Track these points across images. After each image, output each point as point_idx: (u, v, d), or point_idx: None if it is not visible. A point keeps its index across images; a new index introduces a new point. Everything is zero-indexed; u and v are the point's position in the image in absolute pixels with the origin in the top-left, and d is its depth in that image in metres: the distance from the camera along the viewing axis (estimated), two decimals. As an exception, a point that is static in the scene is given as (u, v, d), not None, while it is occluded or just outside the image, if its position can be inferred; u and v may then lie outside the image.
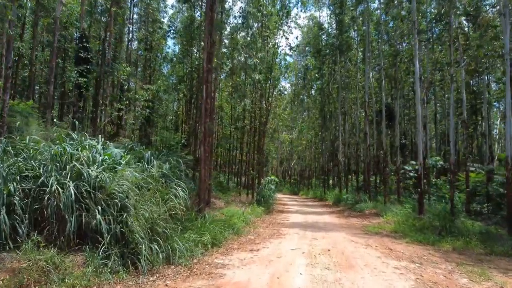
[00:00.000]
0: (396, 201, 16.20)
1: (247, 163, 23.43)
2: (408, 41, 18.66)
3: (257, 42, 15.78)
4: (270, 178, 19.49)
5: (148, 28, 20.64)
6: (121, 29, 16.43)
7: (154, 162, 6.56)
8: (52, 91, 8.78)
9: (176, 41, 25.28)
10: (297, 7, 44.34)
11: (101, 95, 13.74)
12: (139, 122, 19.56)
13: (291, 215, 15.53)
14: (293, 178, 50.44)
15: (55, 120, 6.38)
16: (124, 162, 5.92)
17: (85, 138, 5.87)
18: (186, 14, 19.99)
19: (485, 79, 16.94)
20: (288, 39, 37.35)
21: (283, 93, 26.62)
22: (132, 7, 20.00)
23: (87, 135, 6.13)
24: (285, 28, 19.91)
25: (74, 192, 4.74)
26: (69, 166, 5.02)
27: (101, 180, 5.14)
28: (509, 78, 9.12)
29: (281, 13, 19.21)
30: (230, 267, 5.86)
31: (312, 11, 46.83)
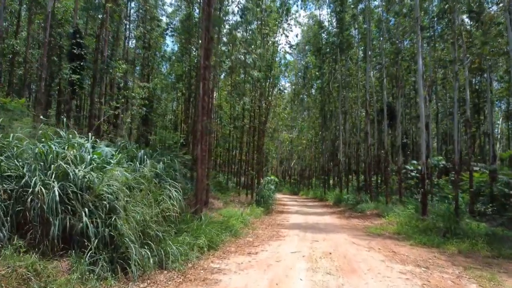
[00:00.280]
0: (398, 202, 15.89)
1: (246, 162, 23.13)
2: (410, 38, 18.38)
3: (256, 38, 15.47)
4: (269, 178, 19.20)
5: (146, 26, 20.33)
6: (118, 26, 16.13)
7: (147, 162, 6.26)
8: (43, 87, 8.48)
9: (175, 39, 25.03)
10: (297, 5, 44.04)
11: (97, 93, 13.45)
12: (136, 121, 19.27)
13: (291, 215, 15.23)
14: (293, 178, 50.12)
15: (41, 117, 6.06)
16: (114, 161, 5.62)
17: (73, 136, 5.57)
18: (185, 12, 19.70)
19: (488, 77, 16.61)
20: (288, 37, 36.98)
21: (283, 92, 26.29)
22: (130, 4, 19.70)
23: (76, 133, 5.83)
24: (285, 25, 19.63)
25: (59, 193, 4.44)
26: (54, 165, 4.72)
27: (89, 181, 4.85)
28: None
29: (280, 10, 18.91)
30: (227, 272, 5.56)
31: (312, 9, 46.49)
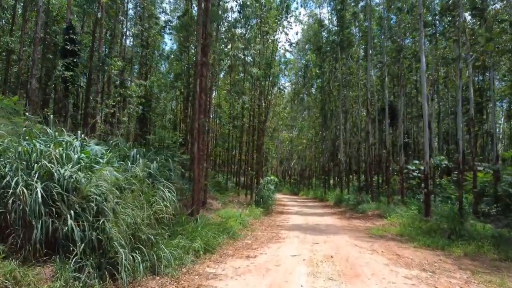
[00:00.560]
0: (400, 202, 15.61)
1: (246, 162, 22.85)
2: (412, 36, 18.08)
3: (256, 34, 15.13)
4: (269, 178, 18.89)
5: (144, 23, 20.04)
6: (114, 23, 15.82)
7: (139, 161, 5.97)
8: (34, 84, 8.19)
9: (174, 38, 24.73)
10: (297, 2, 43.70)
11: (93, 91, 13.15)
12: (134, 121, 18.97)
13: (291, 216, 14.94)
14: (293, 178, 49.81)
15: (27, 114, 5.77)
16: (104, 160, 5.33)
17: (59, 134, 5.28)
18: (183, 10, 19.41)
19: (491, 75, 16.31)
20: (288, 34, 36.55)
21: (282, 90, 26.00)
22: (127, 1, 19.36)
23: (64, 131, 5.54)
24: (285, 23, 19.34)
25: (42, 194, 4.15)
26: (37, 165, 4.42)
27: (75, 181, 4.55)
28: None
29: (280, 8, 18.62)
30: (223, 277, 5.27)
31: (313, 7, 46.17)
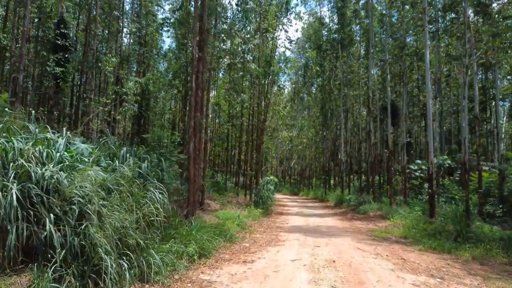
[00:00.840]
0: (403, 203, 15.25)
1: (245, 162, 22.50)
2: (414, 33, 17.74)
3: (255, 27, 14.74)
4: (269, 178, 18.52)
5: (141, 21, 19.66)
6: (110, 19, 15.46)
7: (130, 160, 5.61)
8: (21, 80, 7.84)
9: (172, 36, 24.32)
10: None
11: (88, 89, 12.81)
12: (130, 119, 18.60)
13: (291, 217, 14.59)
14: (293, 178, 49.44)
15: (7, 109, 5.42)
16: (91, 159, 4.97)
17: (41, 131, 4.92)
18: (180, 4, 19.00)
19: (495, 72, 15.96)
20: (287, 32, 36.20)
21: (282, 89, 25.65)
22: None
23: (48, 128, 5.19)
24: (285, 20, 18.99)
25: (17, 195, 3.79)
26: (14, 164, 4.06)
27: (57, 182, 4.19)
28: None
29: (280, 4, 18.27)
30: (218, 285, 4.91)
31: (313, 5, 45.83)
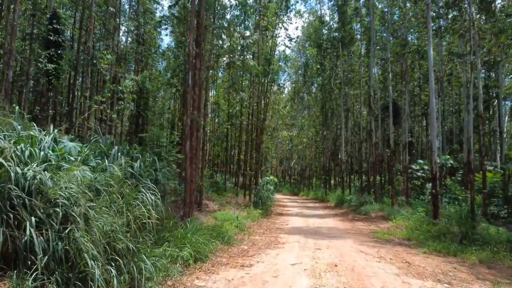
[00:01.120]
0: (405, 203, 14.97)
1: (245, 162, 22.22)
2: (416, 30, 17.47)
3: (253, 23, 14.46)
4: (268, 178, 18.24)
5: (139, 18, 19.38)
6: (105, 15, 15.17)
7: (121, 159, 5.32)
8: (11, 76, 7.56)
9: (171, 34, 24.04)
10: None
11: (83, 87, 12.52)
12: (127, 118, 18.33)
13: (291, 218, 14.32)
14: (293, 178, 49.14)
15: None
16: (79, 158, 4.68)
17: (24, 128, 4.64)
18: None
19: (499, 71, 15.68)
20: (287, 30, 35.82)
21: (281, 87, 25.37)
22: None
23: (35, 125, 4.91)
24: (284, 18, 18.72)
25: (-6, 198, 3.51)
26: (-8, 163, 3.78)
27: (40, 182, 3.91)
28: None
29: (279, 1, 18.00)
30: (213, 292, 4.64)
31: (313, 4, 45.53)
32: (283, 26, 18.96)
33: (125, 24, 18.30)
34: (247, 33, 17.67)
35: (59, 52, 10.95)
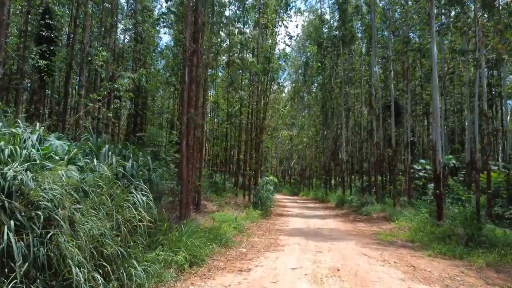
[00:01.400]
0: (407, 204, 14.69)
1: (244, 162, 21.95)
2: (419, 28, 17.20)
3: (251, 17, 14.18)
4: (268, 178, 17.98)
5: (137, 16, 19.10)
6: (102, 12, 14.89)
7: (112, 159, 5.05)
8: (1, 73, 7.29)
9: (171, 35, 23.73)
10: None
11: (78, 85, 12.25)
12: (127, 118, 18.04)
13: (291, 219, 14.04)
14: (293, 178, 48.86)
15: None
16: (65, 158, 4.41)
17: (5, 125, 4.37)
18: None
19: (504, 69, 15.42)
20: (287, 27, 35.38)
21: (281, 86, 25.09)
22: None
23: (20, 122, 4.64)
24: (284, 16, 18.44)
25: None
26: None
27: (21, 183, 3.64)
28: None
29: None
30: (208, 299, 4.36)
31: (313, 2, 45.18)
32: (283, 24, 18.71)
33: (122, 22, 18.00)
34: (247, 31, 17.46)
35: (51, 48, 10.65)
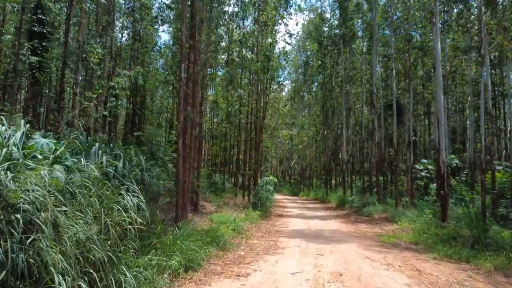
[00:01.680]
0: (409, 204, 14.43)
1: (244, 162, 21.69)
2: (421, 25, 16.93)
3: (250, 13, 13.92)
4: (268, 178, 17.70)
5: (135, 14, 18.83)
6: (98, 10, 14.63)
7: (103, 158, 4.78)
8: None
9: (170, 34, 23.48)
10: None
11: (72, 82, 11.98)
12: (124, 117, 17.78)
13: (291, 220, 13.77)
14: (293, 178, 48.59)
15: None
16: (51, 157, 4.14)
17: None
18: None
19: (508, 68, 15.14)
20: (287, 25, 35.08)
21: (281, 85, 24.83)
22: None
23: (3, 119, 4.37)
24: (284, 13, 18.18)
25: None
26: None
27: (-1, 184, 3.37)
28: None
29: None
30: (203, 308, 4.10)
31: (313, 1, 44.87)
32: (283, 21, 18.41)
33: (120, 20, 17.73)
34: (247, 28, 17.21)
35: (43, 44, 10.37)
